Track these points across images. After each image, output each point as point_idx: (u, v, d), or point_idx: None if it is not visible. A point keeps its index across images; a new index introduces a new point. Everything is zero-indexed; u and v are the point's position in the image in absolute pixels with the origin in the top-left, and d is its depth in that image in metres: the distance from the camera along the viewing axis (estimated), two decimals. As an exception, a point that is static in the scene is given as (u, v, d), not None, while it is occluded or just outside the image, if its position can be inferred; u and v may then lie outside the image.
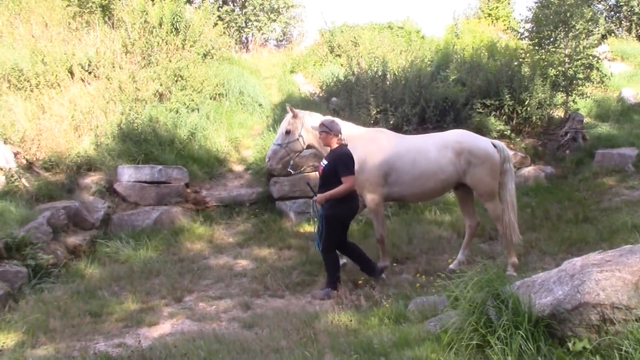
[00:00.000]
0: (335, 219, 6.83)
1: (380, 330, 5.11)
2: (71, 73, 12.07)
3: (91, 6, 13.69)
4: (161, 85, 12.35)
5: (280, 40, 22.76)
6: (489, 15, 19.98)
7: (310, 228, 9.34)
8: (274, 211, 10.23)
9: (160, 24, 13.37)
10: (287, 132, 7.59)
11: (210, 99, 13.01)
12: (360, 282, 7.03)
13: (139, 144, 10.77)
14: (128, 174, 10.06)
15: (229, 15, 20.05)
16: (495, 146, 7.52)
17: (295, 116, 7.60)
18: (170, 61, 12.87)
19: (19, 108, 10.75)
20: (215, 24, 15.61)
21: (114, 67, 12.38)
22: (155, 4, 13.74)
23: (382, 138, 7.62)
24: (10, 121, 10.22)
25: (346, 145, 6.91)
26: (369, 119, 10.81)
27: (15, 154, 9.67)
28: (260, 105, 13.58)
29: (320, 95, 13.46)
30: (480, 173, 7.30)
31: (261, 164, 11.01)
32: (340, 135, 6.89)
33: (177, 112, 12.03)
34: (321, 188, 6.91)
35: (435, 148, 7.39)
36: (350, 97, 11.51)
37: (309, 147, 7.80)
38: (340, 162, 6.72)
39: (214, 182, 11.00)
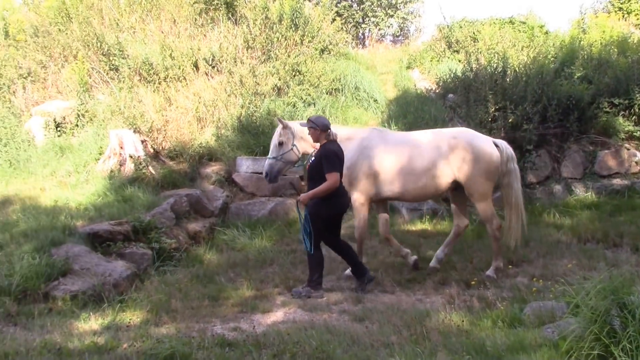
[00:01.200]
0: (319, 217, 6.75)
1: (494, 333, 4.98)
2: (196, 67, 12.66)
3: (216, 3, 14.22)
4: (279, 79, 12.67)
5: (397, 36, 22.60)
6: (620, 9, 18.80)
7: (422, 225, 9.26)
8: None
9: (280, 20, 13.69)
10: (280, 144, 7.51)
11: (327, 93, 13.17)
12: (473, 282, 6.89)
13: (257, 136, 11.11)
14: (246, 165, 10.42)
15: (347, 11, 20.16)
16: (496, 145, 7.31)
17: (285, 127, 7.51)
18: (288, 56, 13.16)
19: (148, 100, 11.42)
20: (333, 20, 15.75)
21: (235, 61, 12.85)
22: (275, 0, 14.08)
23: (374, 137, 7.46)
24: (140, 112, 10.87)
25: (335, 141, 6.79)
26: (487, 117, 10.54)
27: (144, 143, 10.26)
28: (375, 100, 13.58)
29: (437, 91, 13.27)
30: (474, 171, 7.11)
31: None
32: (329, 130, 6.75)
33: (294, 106, 12.29)
34: (308, 183, 6.88)
35: (430, 144, 7.27)
36: (467, 94, 11.27)
37: (304, 155, 7.67)
38: (325, 158, 6.61)
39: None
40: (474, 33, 15.78)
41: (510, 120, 10.38)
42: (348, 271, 7.51)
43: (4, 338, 4.82)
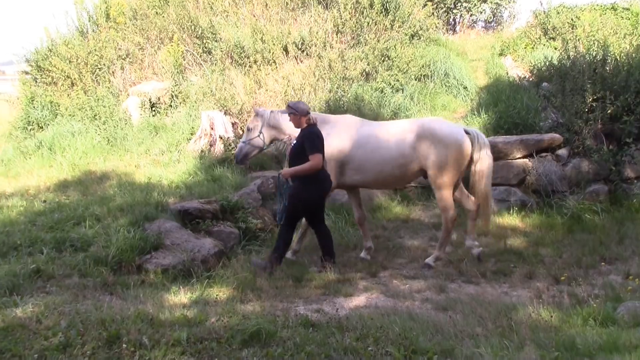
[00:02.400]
0: (299, 200, 6.87)
1: (584, 331, 4.80)
2: (286, 51, 12.79)
3: (308, -13, 14.32)
4: (368, 64, 12.62)
5: (489, 22, 21.98)
6: None
7: (510, 219, 9.01)
8: (472, 196, 10.01)
9: (371, 5, 13.61)
10: (249, 130, 7.94)
11: (415, 79, 13.01)
12: (562, 278, 6.66)
13: (344, 121, 11.10)
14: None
15: (438, -4, 19.81)
16: (467, 133, 7.28)
17: (256, 114, 7.91)
18: (378, 41, 13.08)
19: (238, 82, 11.66)
20: (425, 5, 15.52)
21: (325, 46, 12.89)
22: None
23: (343, 125, 7.50)
24: (231, 94, 11.12)
25: (315, 124, 6.90)
26: (583, 107, 10.07)
27: (233, 125, 10.50)
28: (465, 88, 13.30)
29: (530, 79, 12.82)
30: (440, 157, 7.09)
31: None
32: (308, 115, 6.87)
33: (382, 91, 12.22)
34: (290, 167, 7.02)
35: (398, 132, 7.31)
36: (563, 83, 10.80)
37: (273, 141, 8.12)
38: (307, 140, 6.72)
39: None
40: (572, 19, 15.13)
41: (609, 112, 9.89)
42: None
43: (101, 306, 5.06)
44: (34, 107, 12.92)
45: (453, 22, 20.97)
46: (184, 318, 4.85)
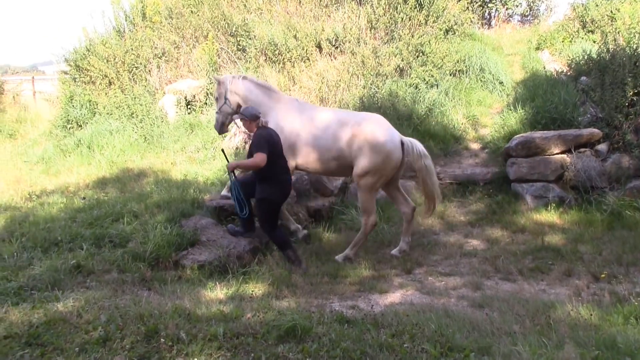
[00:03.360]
0: (267, 201, 6.97)
1: (625, 329, 4.70)
2: (319, 48, 12.79)
3: (341, -16, 14.28)
4: (402, 60, 12.54)
5: (526, 16, 21.65)
6: None
7: (547, 216, 8.88)
8: (508, 193, 9.86)
9: (405, 0, 13.50)
10: (216, 99, 8.14)
11: (450, 75, 12.88)
12: (602, 275, 6.53)
13: (379, 117, 11.07)
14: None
15: (473, -10, 19.58)
16: (402, 143, 7.37)
17: (218, 82, 8.05)
18: (412, 37, 12.99)
19: (272, 79, 11.70)
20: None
21: (358, 42, 12.86)
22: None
23: (294, 109, 7.69)
24: (265, 91, 11.13)
25: (265, 127, 7.02)
26: (624, 101, 9.86)
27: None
28: (501, 83, 13.12)
29: (568, 74, 12.58)
30: (367, 162, 7.21)
31: (498, 144, 10.69)
32: (258, 119, 6.96)
33: (416, 87, 12.14)
34: (253, 171, 7.15)
35: (337, 124, 7.41)
36: (602, 77, 10.58)
37: (239, 106, 7.93)
38: (253, 143, 6.88)
39: (449, 159, 10.92)
40: (611, 12, 14.79)
41: (649, 106, 9.67)
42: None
43: (139, 301, 5.14)
44: (73, 106, 13.20)
45: (488, 16, 20.71)
46: (221, 313, 4.90)
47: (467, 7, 15.91)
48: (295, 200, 9.00)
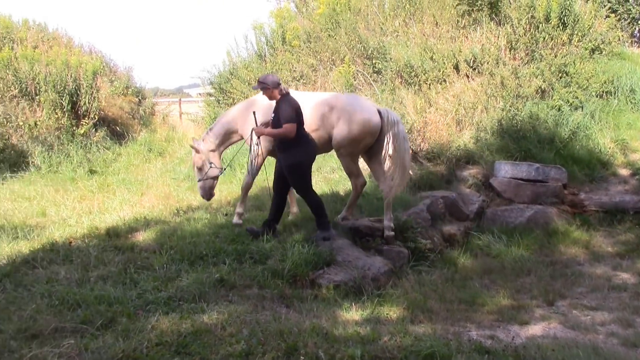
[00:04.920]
0: (299, 165, 7.14)
1: None
2: (456, 69, 12.63)
3: (479, 4, 13.98)
4: (544, 81, 12.07)
5: (681, 32, 20.11)
6: None
7: None
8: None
9: (547, 19, 13.02)
10: (199, 169, 8.21)
11: (596, 96, 12.19)
12: None
13: (518, 140, 10.76)
14: (504, 170, 10.12)
15: (622, 6, 18.45)
16: (379, 111, 7.74)
17: (195, 151, 8.17)
18: (555, 57, 12.48)
19: (408, 101, 11.71)
20: (607, 17, 14.55)
21: (497, 63, 12.55)
22: (543, -2, 13.43)
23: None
24: (401, 113, 11.17)
25: (288, 94, 7.13)
26: None
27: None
28: (653, 105, 12.24)
29: None
30: (345, 129, 7.55)
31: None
32: (280, 86, 7.06)
33: (559, 109, 11.62)
34: (276, 142, 7.33)
35: (314, 103, 7.71)
36: None
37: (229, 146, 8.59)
38: (281, 110, 6.98)
39: (595, 186, 10.31)
40: None
41: None
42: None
43: (279, 317, 5.27)
44: (216, 126, 13.89)
45: (638, 34, 19.44)
46: (357, 335, 4.92)
47: (615, 25, 15.04)
48: (430, 223, 8.89)
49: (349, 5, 15.68)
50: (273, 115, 7.25)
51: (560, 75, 12.29)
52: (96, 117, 14.73)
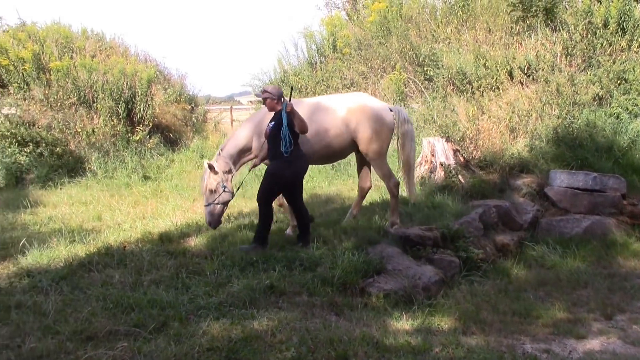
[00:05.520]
0: (274, 177, 7.19)
1: None
2: (510, 76, 12.43)
3: (534, 10, 13.74)
4: (602, 88, 11.75)
5: None
6: None
7: None
8: None
9: (605, 25, 12.70)
10: (212, 192, 7.87)
11: (658, 104, 11.79)
12: None
13: (574, 149, 10.48)
14: (560, 179, 9.86)
15: (684, 11, 17.87)
16: (391, 110, 8.09)
17: (211, 171, 7.85)
18: (613, 63, 12.13)
19: (460, 109, 11.56)
20: (669, 21, 14.08)
21: (552, 70, 12.28)
22: (602, 3, 13.08)
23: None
24: (453, 121, 11.05)
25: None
26: None
27: (455, 152, 10.38)
28: None
29: None
30: (368, 131, 7.80)
31: None
32: (282, 98, 7.14)
33: (617, 117, 11.29)
34: (271, 150, 7.22)
35: (332, 106, 7.84)
36: None
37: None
38: (296, 116, 6.99)
39: (656, 196, 9.96)
40: None
41: None
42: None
43: (329, 325, 5.25)
44: (266, 134, 14.03)
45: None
46: (408, 345, 4.86)
47: (678, 30, 14.53)
48: (482, 233, 8.73)
49: (401, 13, 15.64)
50: (272, 124, 7.28)
51: (618, 82, 11.94)
52: (150, 124, 15.04)
